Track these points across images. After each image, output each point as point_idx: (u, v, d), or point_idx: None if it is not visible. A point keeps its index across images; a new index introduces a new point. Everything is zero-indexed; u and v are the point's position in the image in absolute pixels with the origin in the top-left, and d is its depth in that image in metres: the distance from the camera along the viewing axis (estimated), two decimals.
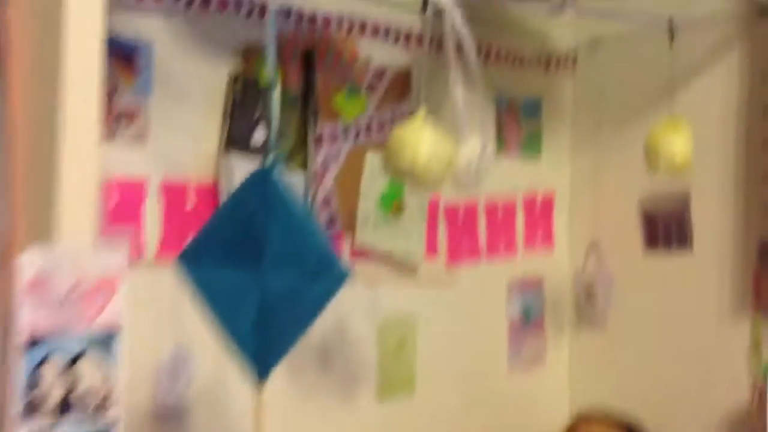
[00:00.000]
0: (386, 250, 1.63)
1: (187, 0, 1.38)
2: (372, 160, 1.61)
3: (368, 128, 1.61)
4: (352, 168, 1.59)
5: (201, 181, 1.39)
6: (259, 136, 1.44)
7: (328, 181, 1.55)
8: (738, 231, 1.67)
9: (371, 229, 1.61)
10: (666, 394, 1.77)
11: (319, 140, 1.53)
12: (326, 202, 1.54)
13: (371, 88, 1.61)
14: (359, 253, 1.60)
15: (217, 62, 1.41)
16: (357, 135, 1.60)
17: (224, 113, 1.41)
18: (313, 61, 1.53)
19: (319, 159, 1.54)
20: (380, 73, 1.63)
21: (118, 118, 1.30)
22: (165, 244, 1.35)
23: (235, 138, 1.41)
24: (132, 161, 1.33)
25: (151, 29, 1.35)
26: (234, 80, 1.43)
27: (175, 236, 1.36)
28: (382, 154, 1.35)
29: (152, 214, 1.35)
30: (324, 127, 1.55)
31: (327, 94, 1.56)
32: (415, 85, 1.66)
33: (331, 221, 1.55)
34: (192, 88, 1.40)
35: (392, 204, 1.63)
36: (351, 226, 1.59)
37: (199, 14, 1.39)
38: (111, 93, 1.27)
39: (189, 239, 1.24)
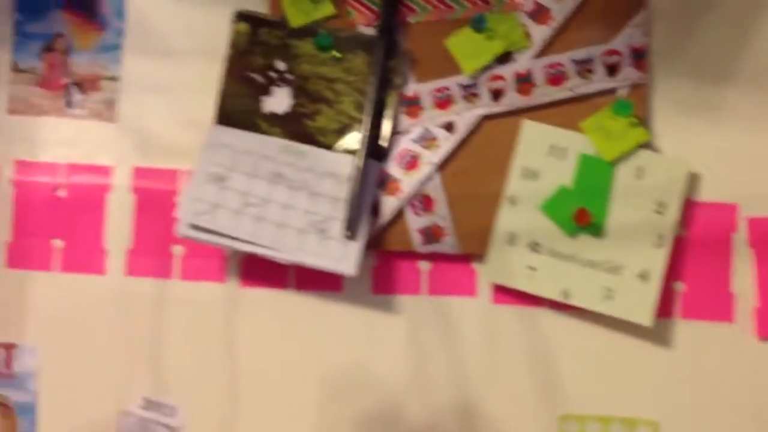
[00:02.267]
0: (557, 292, 0.93)
1: None
2: (531, 135, 0.96)
3: (526, 79, 0.95)
4: (485, 150, 0.96)
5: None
6: (274, 102, 0.98)
7: (427, 170, 0.96)
8: None
9: (523, 256, 0.94)
10: None
11: (410, 106, 0.97)
12: (426, 204, 0.95)
13: (540, 13, 0.96)
14: (508, 296, 0.96)
15: (223, 2, 0.99)
16: (498, 94, 0.96)
17: (225, 72, 0.99)
18: None
19: (412, 135, 0.97)
20: None
21: (71, 86, 1.02)
22: (136, 256, 1.00)
23: (233, 105, 0.98)
24: (92, 143, 1.01)
25: None
26: (238, 20, 0.99)
27: (150, 245, 1.00)
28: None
29: (119, 216, 1.00)
30: (419, 86, 0.97)
31: (431, 28, 0.97)
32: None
33: (434, 235, 0.96)
34: (179, 40, 1.01)
35: (571, 213, 0.94)
36: (480, 248, 0.96)
37: None
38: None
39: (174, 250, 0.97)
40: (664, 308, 0.94)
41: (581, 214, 0.93)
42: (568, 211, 0.94)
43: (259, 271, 0.98)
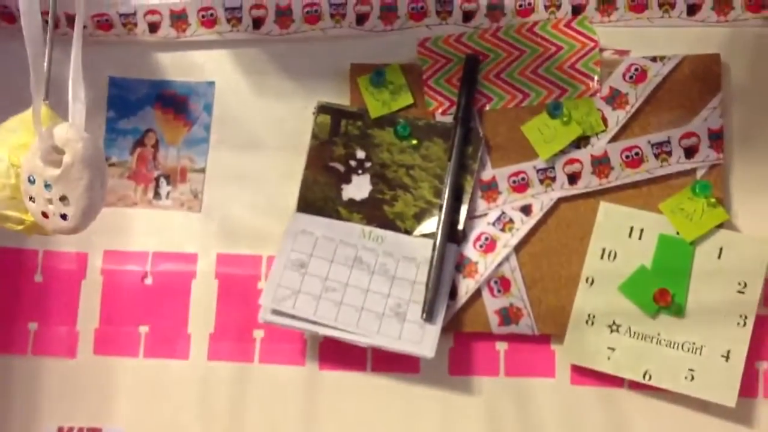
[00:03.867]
0: (638, 373, 0.96)
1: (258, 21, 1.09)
2: (609, 217, 1.00)
3: (603, 162, 1.00)
4: (562, 232, 1.00)
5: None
6: (354, 189, 1.03)
7: (505, 253, 1.00)
8: None
9: (602, 337, 0.97)
10: None
11: (487, 190, 1.01)
12: (503, 286, 0.99)
13: (617, 98, 1.00)
14: (587, 377, 0.99)
15: (303, 94, 1.08)
16: (574, 178, 1.00)
17: (307, 162, 1.06)
18: (475, 70, 1.04)
19: (489, 218, 1.01)
20: (640, 71, 1.01)
21: (159, 178, 1.10)
22: (218, 340, 1.05)
23: (314, 193, 1.04)
24: (178, 232, 1.08)
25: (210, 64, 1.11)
26: (320, 112, 1.06)
27: (231, 329, 1.05)
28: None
29: (203, 301, 1.06)
30: (496, 171, 1.02)
31: (507, 115, 1.03)
32: None
33: (511, 316, 0.99)
34: (261, 133, 1.08)
35: (651, 293, 0.97)
36: (557, 329, 0.99)
37: (280, 36, 1.09)
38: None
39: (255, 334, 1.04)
40: (747, 388, 0.96)
41: (662, 294, 0.96)
42: (647, 291, 0.97)
43: (337, 353, 1.03)
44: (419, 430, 1.01)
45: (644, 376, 0.96)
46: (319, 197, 1.05)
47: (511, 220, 1.02)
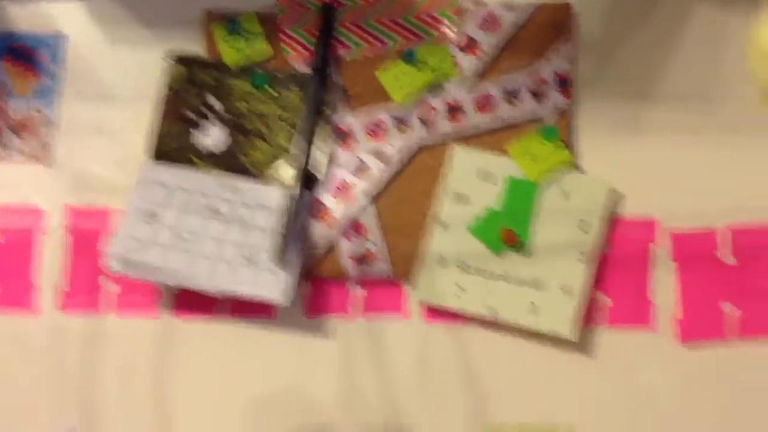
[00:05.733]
0: (485, 309, 1.01)
1: None
2: (461, 160, 1.04)
3: (455, 109, 1.04)
4: (417, 177, 1.05)
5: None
6: (210, 139, 1.06)
7: (360, 198, 1.04)
8: None
9: (452, 276, 1.02)
10: None
11: (344, 138, 1.05)
12: (358, 231, 1.02)
13: (471, 45, 1.05)
14: (440, 317, 1.03)
15: (158, 44, 1.09)
16: (429, 124, 1.04)
17: (161, 111, 1.07)
18: (332, 19, 1.07)
19: (346, 166, 1.05)
20: (494, 19, 1.06)
21: (6, 130, 1.10)
22: (70, 294, 1.05)
23: (168, 143, 1.06)
24: (27, 186, 1.08)
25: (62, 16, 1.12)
26: (174, 62, 1.08)
27: (84, 284, 1.05)
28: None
29: (54, 256, 1.06)
30: (353, 118, 1.06)
31: (365, 63, 1.07)
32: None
33: (366, 260, 1.03)
34: (115, 83, 1.10)
35: (497, 233, 1.02)
36: (413, 271, 1.04)
37: None
38: None
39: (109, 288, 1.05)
40: (591, 320, 1.02)
41: (508, 234, 1.01)
42: (495, 232, 1.02)
43: (192, 303, 1.04)
44: (276, 374, 1.04)
45: (490, 312, 1.01)
46: (173, 147, 1.07)
47: (367, 167, 1.05)
